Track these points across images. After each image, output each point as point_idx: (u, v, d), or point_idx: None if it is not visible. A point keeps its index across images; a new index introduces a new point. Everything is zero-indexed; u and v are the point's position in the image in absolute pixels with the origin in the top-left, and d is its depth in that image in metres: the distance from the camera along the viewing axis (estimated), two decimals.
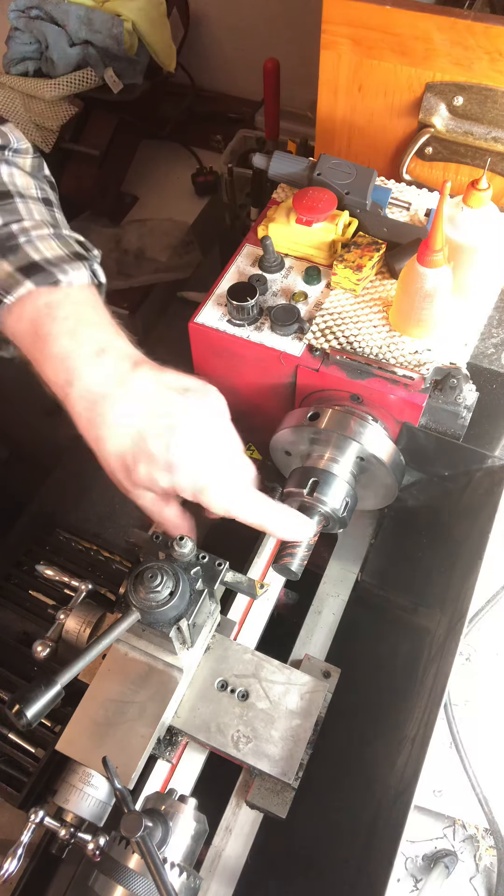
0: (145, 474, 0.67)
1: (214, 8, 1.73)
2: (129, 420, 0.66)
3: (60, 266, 0.67)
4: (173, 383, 0.68)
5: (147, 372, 0.67)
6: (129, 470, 0.68)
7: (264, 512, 0.71)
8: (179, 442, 0.65)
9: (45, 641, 0.75)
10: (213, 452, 0.68)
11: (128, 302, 1.52)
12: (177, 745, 0.77)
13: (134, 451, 0.66)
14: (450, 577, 0.90)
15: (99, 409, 0.66)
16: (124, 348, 0.68)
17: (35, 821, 0.66)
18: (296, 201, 0.84)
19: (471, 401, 0.78)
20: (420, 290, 0.74)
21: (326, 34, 0.92)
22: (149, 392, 0.66)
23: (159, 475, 0.67)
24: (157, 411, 0.66)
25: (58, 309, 0.66)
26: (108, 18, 1.44)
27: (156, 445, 0.65)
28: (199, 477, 0.67)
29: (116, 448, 0.67)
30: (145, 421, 0.66)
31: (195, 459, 0.66)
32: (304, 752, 0.74)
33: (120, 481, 0.70)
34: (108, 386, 0.66)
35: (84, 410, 0.66)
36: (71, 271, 0.67)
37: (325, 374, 0.81)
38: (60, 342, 0.65)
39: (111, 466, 0.69)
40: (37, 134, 1.50)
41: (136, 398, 0.66)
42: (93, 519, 1.12)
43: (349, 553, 0.95)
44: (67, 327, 0.66)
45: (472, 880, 0.84)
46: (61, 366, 0.66)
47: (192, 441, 0.66)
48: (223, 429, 0.70)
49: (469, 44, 0.85)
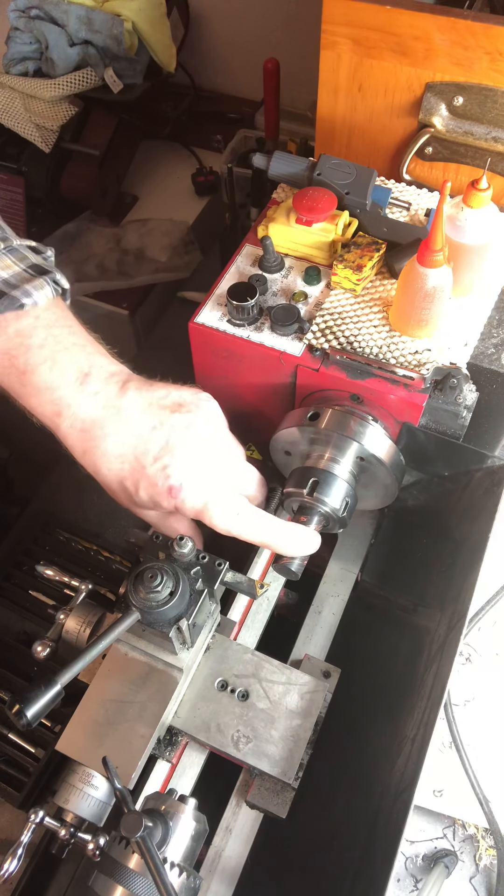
0: (147, 498, 0.66)
1: (214, 8, 1.73)
2: (124, 447, 0.65)
3: (22, 287, 0.63)
4: (164, 400, 0.67)
5: (135, 392, 0.66)
6: (131, 494, 0.67)
7: (269, 530, 0.70)
8: (176, 463, 0.64)
9: (45, 641, 0.75)
10: (211, 472, 0.67)
11: (128, 302, 1.52)
12: (177, 745, 0.77)
13: (133, 477, 0.65)
14: (450, 577, 0.90)
15: (92, 437, 0.64)
16: (108, 366, 0.67)
17: (35, 821, 0.66)
18: (296, 201, 0.84)
19: (471, 401, 0.78)
20: (420, 290, 0.74)
21: (326, 34, 0.92)
22: (140, 414, 0.65)
23: (161, 499, 0.66)
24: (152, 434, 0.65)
25: (30, 337, 0.63)
26: (108, 18, 1.44)
27: (154, 469, 0.64)
28: (199, 499, 0.66)
29: (115, 475, 0.66)
30: (141, 445, 0.64)
31: (194, 481, 0.65)
32: (304, 752, 0.74)
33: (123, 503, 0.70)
34: (99, 412, 0.64)
35: (77, 441, 0.65)
36: (34, 291, 0.64)
37: (325, 374, 0.81)
38: (41, 373, 0.63)
39: (113, 491, 0.68)
40: (37, 134, 1.50)
41: (129, 422, 0.65)
42: (93, 519, 1.12)
43: (349, 553, 0.95)
44: (45, 355, 0.63)
45: (472, 880, 0.84)
46: (46, 397, 0.64)
47: (189, 462, 0.65)
48: (219, 442, 0.69)
49: (469, 44, 0.85)
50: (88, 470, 0.68)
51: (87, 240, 1.61)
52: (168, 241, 1.59)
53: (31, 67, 1.53)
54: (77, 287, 1.53)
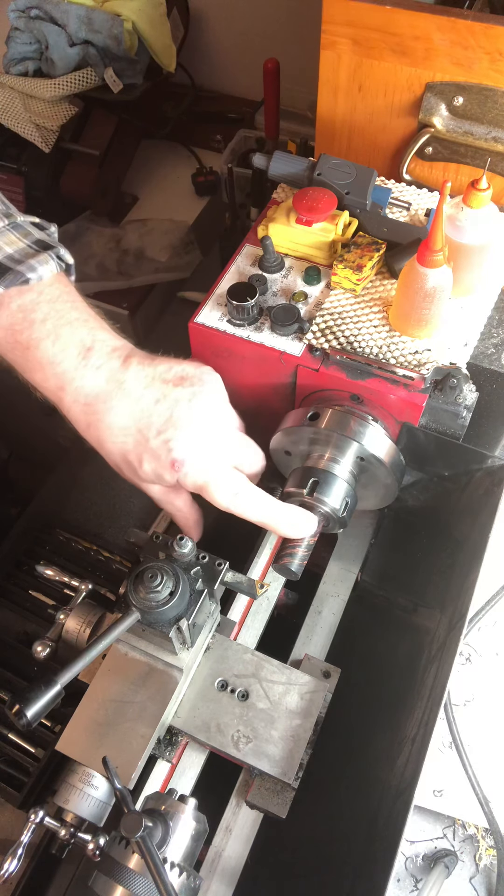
0: (151, 471, 0.67)
1: (214, 8, 1.73)
2: (127, 420, 0.65)
3: (27, 262, 0.63)
4: (167, 374, 0.67)
5: (138, 366, 0.66)
6: (135, 468, 0.68)
7: (267, 509, 0.70)
8: (179, 437, 0.65)
9: (45, 641, 0.75)
10: (213, 448, 0.67)
11: (128, 302, 1.52)
12: (177, 745, 0.77)
13: (137, 451, 0.66)
14: (450, 577, 0.90)
15: (96, 411, 0.65)
16: (110, 341, 0.67)
17: (35, 821, 0.66)
18: (296, 201, 0.84)
19: (471, 401, 0.78)
20: (420, 290, 0.74)
21: (326, 34, 0.92)
22: (143, 388, 0.66)
23: (164, 472, 0.66)
24: (155, 408, 0.65)
25: (33, 311, 0.64)
26: (108, 18, 1.44)
27: (157, 443, 0.65)
28: (201, 475, 0.67)
29: (119, 448, 0.67)
30: (144, 419, 0.65)
31: (197, 454, 0.66)
32: (304, 752, 0.74)
33: (127, 477, 0.71)
34: (102, 386, 0.65)
35: (81, 414, 0.66)
36: (38, 266, 0.64)
37: (325, 374, 0.81)
38: (44, 347, 0.64)
39: (117, 465, 0.69)
40: (37, 134, 1.50)
41: (132, 396, 0.65)
42: (93, 519, 1.12)
43: (349, 553, 0.95)
44: (47, 330, 0.64)
45: (472, 880, 0.84)
46: (50, 371, 0.64)
47: (192, 435, 0.66)
48: (222, 415, 0.70)
49: (469, 44, 0.85)
50: (92, 444, 0.68)
51: (87, 240, 1.61)
52: (168, 241, 1.59)
53: (31, 67, 1.53)
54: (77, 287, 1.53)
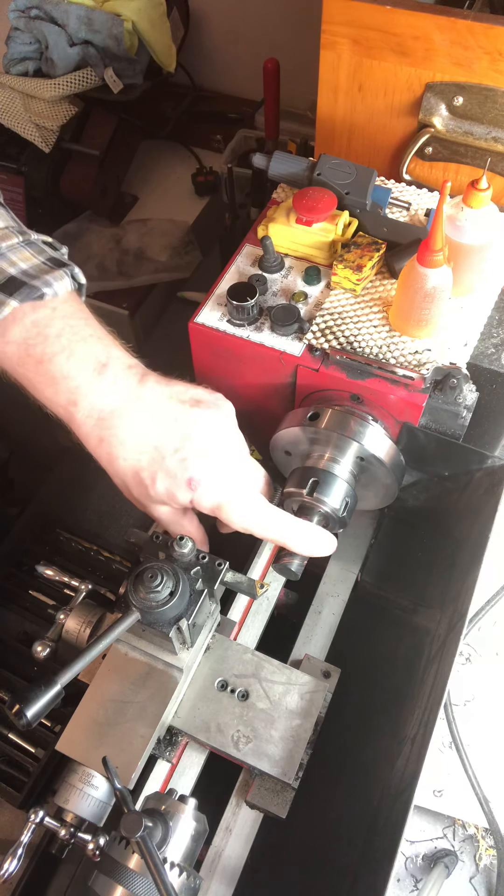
0: (164, 491, 0.66)
1: (214, 8, 1.73)
2: (143, 437, 0.64)
3: (42, 278, 0.63)
4: (183, 395, 0.67)
5: (155, 385, 0.66)
6: (147, 487, 0.66)
7: (283, 528, 0.70)
8: (196, 456, 0.64)
9: (45, 641, 0.75)
10: (230, 467, 0.67)
11: (128, 302, 1.52)
12: (177, 745, 0.77)
13: (150, 469, 0.65)
14: (450, 577, 0.90)
15: (111, 426, 0.64)
16: (125, 359, 0.67)
17: (35, 821, 0.66)
18: (296, 201, 0.84)
19: (471, 401, 0.78)
20: (420, 290, 0.74)
21: (326, 34, 0.92)
22: (160, 406, 0.65)
23: (178, 491, 0.65)
24: (172, 426, 0.65)
25: (48, 327, 0.63)
26: (108, 18, 1.44)
27: (173, 461, 0.64)
28: (218, 494, 0.66)
29: (132, 465, 0.65)
30: (161, 436, 0.64)
31: (214, 475, 0.65)
32: (304, 752, 0.74)
33: (135, 498, 0.69)
34: (117, 402, 0.64)
35: (94, 429, 0.65)
36: (54, 282, 0.64)
37: (325, 374, 0.81)
38: (58, 362, 0.63)
39: (126, 483, 0.68)
40: (37, 134, 1.50)
41: (149, 413, 0.64)
42: (93, 519, 1.12)
43: (349, 553, 0.95)
44: (62, 345, 0.63)
45: (472, 880, 0.84)
46: (63, 386, 0.63)
47: (209, 456, 0.65)
48: (235, 440, 0.70)
49: (469, 44, 0.85)
50: (101, 461, 0.67)
51: (87, 240, 1.61)
52: (168, 241, 1.59)
53: (31, 67, 1.53)
54: None
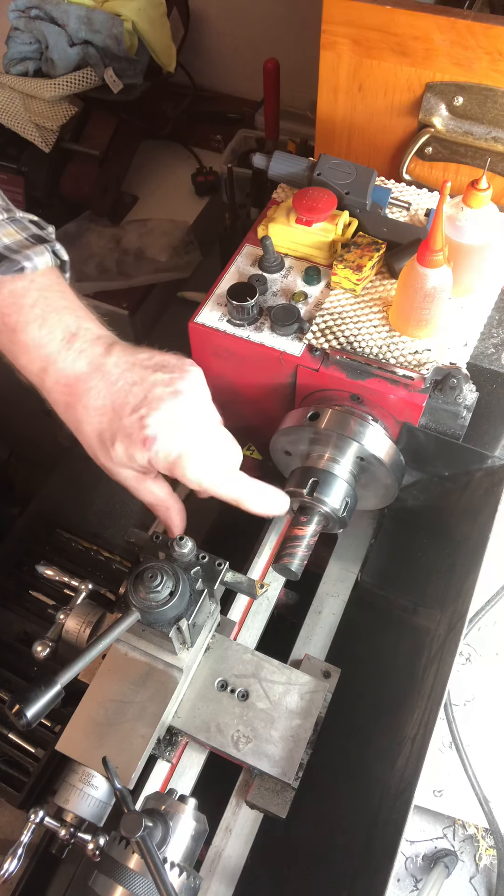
0: (122, 452, 0.67)
1: (214, 8, 1.73)
2: (104, 401, 0.66)
3: (23, 252, 0.66)
4: (147, 361, 0.68)
5: (120, 352, 0.68)
6: (108, 449, 0.67)
7: (238, 486, 0.70)
8: (153, 415, 0.65)
9: (45, 641, 0.75)
10: (187, 425, 0.67)
11: (128, 302, 1.52)
12: (177, 745, 0.77)
13: (111, 429, 0.66)
14: (450, 577, 0.90)
15: (75, 392, 0.66)
16: (95, 330, 0.69)
17: (35, 821, 0.66)
18: (296, 201, 0.84)
19: (471, 401, 0.78)
20: (420, 290, 0.74)
21: (326, 34, 0.92)
22: (124, 371, 0.67)
23: (135, 450, 0.66)
24: (132, 388, 0.66)
25: (23, 297, 0.66)
26: (108, 18, 1.44)
27: (130, 420, 0.65)
28: (173, 448, 0.66)
29: (94, 428, 0.67)
30: (121, 399, 0.66)
31: (170, 433, 0.66)
32: (304, 752, 0.74)
33: (101, 462, 0.70)
34: (83, 369, 0.66)
35: (61, 395, 0.67)
36: (34, 256, 0.67)
37: (325, 374, 0.81)
38: (30, 331, 0.66)
39: (92, 448, 0.69)
40: (37, 134, 1.50)
41: (111, 378, 0.66)
42: (93, 519, 1.12)
43: (349, 553, 0.95)
44: (35, 314, 0.66)
45: (472, 880, 0.84)
46: (35, 354, 0.66)
47: (165, 414, 0.65)
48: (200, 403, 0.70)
49: (469, 44, 0.85)
50: (70, 426, 0.69)
51: (87, 240, 1.61)
52: (168, 241, 1.59)
53: (31, 67, 1.53)
54: (77, 287, 1.52)
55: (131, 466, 0.69)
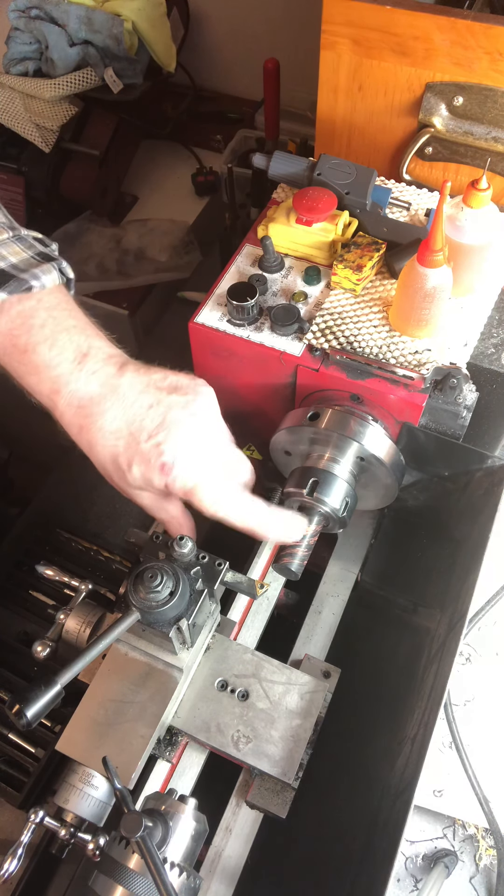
0: (139, 476, 0.67)
1: (214, 8, 1.73)
2: (120, 423, 0.66)
3: (30, 272, 0.66)
4: (161, 382, 0.68)
5: (133, 373, 0.67)
6: (124, 472, 0.67)
7: (253, 515, 0.70)
8: (170, 441, 0.65)
9: (45, 641, 0.75)
10: (204, 451, 0.67)
11: (128, 302, 1.52)
12: (177, 745, 0.77)
13: (127, 454, 0.66)
14: (450, 577, 0.90)
15: (89, 414, 0.66)
16: (106, 349, 0.68)
17: (35, 821, 0.66)
18: (296, 201, 0.84)
19: (471, 401, 0.78)
20: (420, 290, 0.74)
21: (326, 34, 0.92)
22: (137, 393, 0.66)
23: (153, 475, 0.66)
24: (148, 412, 0.66)
25: (32, 317, 0.66)
26: (108, 18, 1.44)
27: (148, 446, 0.65)
28: (190, 477, 0.66)
29: (109, 451, 0.67)
30: (136, 422, 0.66)
31: (187, 459, 0.66)
32: (304, 752, 0.74)
33: (116, 484, 0.70)
34: (96, 390, 0.66)
35: (74, 417, 0.66)
36: (42, 275, 0.66)
37: (325, 374, 0.81)
38: (41, 352, 0.65)
39: (106, 470, 0.69)
40: (37, 134, 1.50)
41: (125, 400, 0.66)
42: (93, 519, 1.12)
43: (349, 553, 0.95)
44: (45, 335, 0.65)
45: (472, 880, 0.84)
46: (45, 375, 0.65)
47: (183, 440, 0.66)
48: (214, 426, 0.70)
49: (469, 44, 0.85)
50: (83, 448, 0.69)
51: (87, 240, 1.61)
52: (168, 241, 1.59)
53: (31, 67, 1.53)
54: (77, 287, 1.52)
55: (149, 490, 0.69)
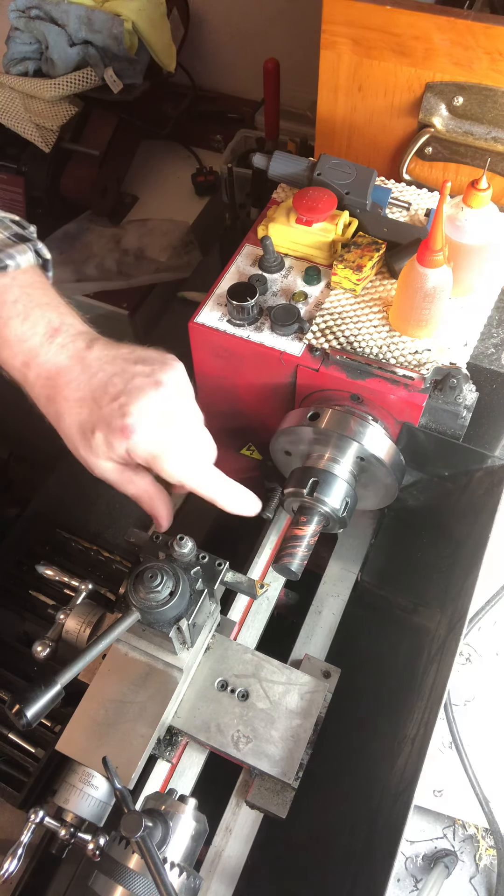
0: (102, 442, 0.66)
1: (214, 8, 1.73)
2: (83, 392, 0.66)
3: (5, 251, 0.68)
4: (129, 355, 0.69)
5: (102, 346, 0.68)
6: (88, 439, 0.67)
7: (217, 485, 0.71)
8: (132, 405, 0.65)
9: (45, 641, 0.75)
10: (170, 418, 0.67)
11: (128, 302, 1.52)
12: (177, 745, 0.77)
13: (91, 419, 0.66)
14: (450, 577, 0.90)
15: (56, 385, 0.67)
16: (77, 326, 0.70)
17: (35, 821, 0.66)
18: (296, 201, 0.84)
19: (471, 401, 0.78)
20: (420, 290, 0.74)
21: (326, 34, 0.92)
22: (105, 363, 0.67)
23: (114, 439, 0.65)
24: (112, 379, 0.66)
25: (5, 293, 0.67)
26: (108, 18, 1.44)
27: (110, 409, 0.65)
28: (155, 442, 0.66)
29: (75, 419, 0.67)
30: (101, 389, 0.66)
31: (151, 424, 0.65)
32: (304, 752, 0.74)
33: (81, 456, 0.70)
34: (65, 363, 0.67)
35: (43, 389, 0.68)
36: (17, 255, 0.69)
37: (325, 374, 0.81)
38: (13, 325, 0.67)
39: (72, 439, 0.69)
40: (37, 134, 1.50)
41: (92, 370, 0.67)
42: (93, 519, 1.12)
43: (349, 553, 0.95)
44: (18, 310, 0.67)
45: (472, 880, 0.84)
46: (17, 349, 0.67)
47: (145, 405, 0.65)
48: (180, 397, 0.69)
49: (469, 44, 0.85)
50: (51, 419, 0.69)
51: (87, 240, 1.61)
52: (168, 241, 1.59)
53: (31, 67, 1.53)
54: (77, 287, 1.53)
55: (111, 458, 0.68)
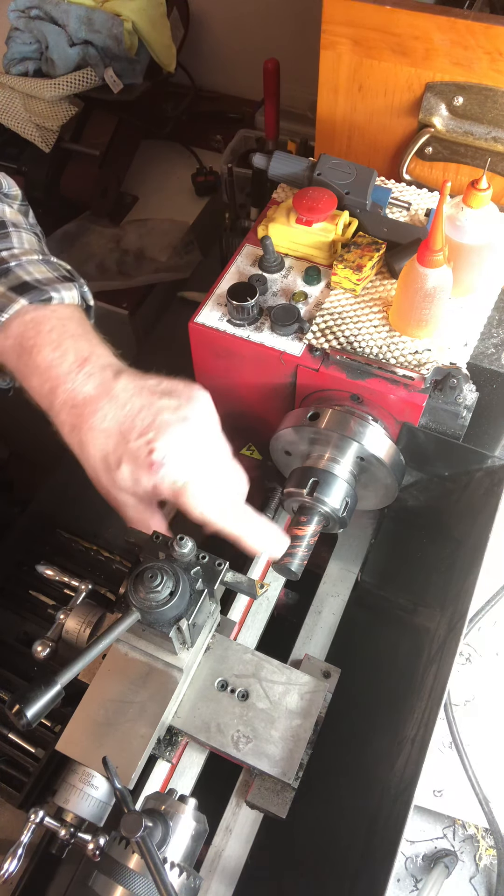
0: (128, 475, 0.67)
1: (214, 8, 1.73)
2: (111, 423, 0.66)
3: (52, 286, 0.70)
4: (155, 387, 0.69)
5: (128, 378, 0.69)
6: (112, 472, 0.67)
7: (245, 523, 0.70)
8: (161, 440, 0.65)
9: (45, 641, 0.75)
10: (195, 452, 0.67)
11: (128, 302, 1.52)
12: (177, 745, 0.77)
13: (117, 452, 0.66)
14: (450, 577, 0.90)
15: (81, 414, 0.67)
16: (107, 357, 0.70)
17: (35, 821, 0.66)
18: (296, 201, 0.84)
19: (471, 401, 0.78)
20: (420, 290, 0.74)
21: (326, 34, 0.92)
22: (131, 395, 0.67)
23: (141, 474, 0.66)
24: (139, 413, 0.66)
25: (43, 323, 0.69)
26: (108, 18, 1.44)
27: (137, 444, 0.65)
28: (180, 474, 0.66)
29: (99, 450, 0.67)
30: (128, 422, 0.66)
31: (177, 457, 0.66)
32: (304, 752, 0.74)
33: (103, 486, 0.70)
34: (91, 392, 0.67)
35: (68, 417, 0.67)
36: (62, 290, 0.71)
37: (325, 374, 0.81)
38: (44, 353, 0.68)
39: (96, 471, 0.69)
40: (37, 134, 1.50)
41: (118, 401, 0.67)
42: (93, 519, 1.12)
43: (349, 553, 0.95)
44: (51, 339, 0.68)
45: (472, 880, 0.84)
46: (45, 375, 0.67)
47: (173, 440, 0.65)
48: (207, 430, 0.70)
49: (469, 44, 0.85)
50: (74, 448, 0.69)
51: (87, 240, 1.61)
52: (168, 241, 1.59)
53: (31, 67, 1.53)
54: None
55: (135, 492, 0.69)
